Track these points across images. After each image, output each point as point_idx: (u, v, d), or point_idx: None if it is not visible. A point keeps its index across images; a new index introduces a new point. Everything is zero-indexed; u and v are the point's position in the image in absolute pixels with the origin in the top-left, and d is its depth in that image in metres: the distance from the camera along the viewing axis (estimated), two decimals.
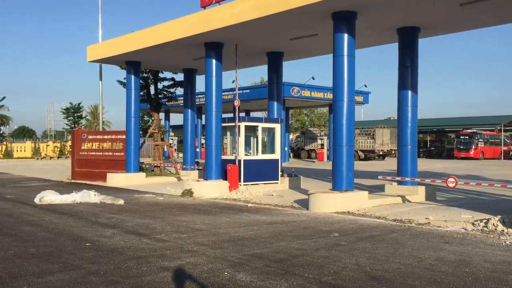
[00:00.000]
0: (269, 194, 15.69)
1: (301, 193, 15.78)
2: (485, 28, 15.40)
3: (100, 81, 24.85)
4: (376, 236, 8.95)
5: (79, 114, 67.02)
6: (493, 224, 9.60)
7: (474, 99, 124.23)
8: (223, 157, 17.02)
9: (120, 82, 24.36)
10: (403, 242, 8.39)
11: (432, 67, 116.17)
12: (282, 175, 17.78)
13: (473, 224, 10.05)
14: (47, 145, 51.20)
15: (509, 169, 30.79)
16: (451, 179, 12.14)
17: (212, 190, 15.72)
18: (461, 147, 46.77)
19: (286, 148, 36.48)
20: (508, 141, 52.21)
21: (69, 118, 66.03)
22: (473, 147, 46.06)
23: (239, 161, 16.52)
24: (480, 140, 47.16)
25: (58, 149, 49.98)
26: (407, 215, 11.32)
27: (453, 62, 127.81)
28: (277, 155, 17.61)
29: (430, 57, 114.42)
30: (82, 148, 22.44)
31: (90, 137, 22.64)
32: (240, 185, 16.34)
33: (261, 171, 17.05)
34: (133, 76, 20.53)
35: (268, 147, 17.86)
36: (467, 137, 46.94)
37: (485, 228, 9.56)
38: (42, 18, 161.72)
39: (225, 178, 16.33)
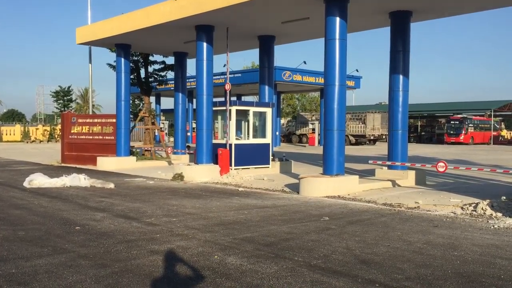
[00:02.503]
0: (260, 178, 15.70)
1: (292, 177, 15.81)
2: (477, 12, 15.36)
3: (90, 64, 24.55)
4: (366, 220, 8.99)
5: (69, 97, 66.38)
6: (482, 208, 9.68)
7: (465, 84, 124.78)
8: (214, 141, 16.98)
9: (110, 65, 24.08)
10: (393, 226, 8.44)
11: (423, 52, 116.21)
12: (273, 160, 17.80)
13: (462, 208, 10.13)
14: (37, 129, 50.82)
15: (498, 154, 31.06)
16: (441, 164, 12.19)
17: (203, 174, 15.69)
18: (451, 132, 47.10)
19: (277, 133, 36.48)
20: (498, 126, 52.64)
21: (59, 101, 65.39)
22: (463, 132, 46.40)
23: (230, 145, 16.49)
24: (470, 125, 47.51)
25: (48, 132, 49.60)
26: (397, 199, 11.39)
27: (445, 47, 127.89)
28: (268, 140, 17.60)
29: (422, 42, 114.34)
30: (72, 131, 22.28)
31: (80, 120, 22.45)
32: (231, 169, 16.33)
33: (252, 155, 17.05)
34: (123, 59, 20.29)
35: (259, 131, 17.83)
36: (457, 122, 47.25)
37: (474, 212, 9.64)
38: None
39: (216, 162, 16.30)
